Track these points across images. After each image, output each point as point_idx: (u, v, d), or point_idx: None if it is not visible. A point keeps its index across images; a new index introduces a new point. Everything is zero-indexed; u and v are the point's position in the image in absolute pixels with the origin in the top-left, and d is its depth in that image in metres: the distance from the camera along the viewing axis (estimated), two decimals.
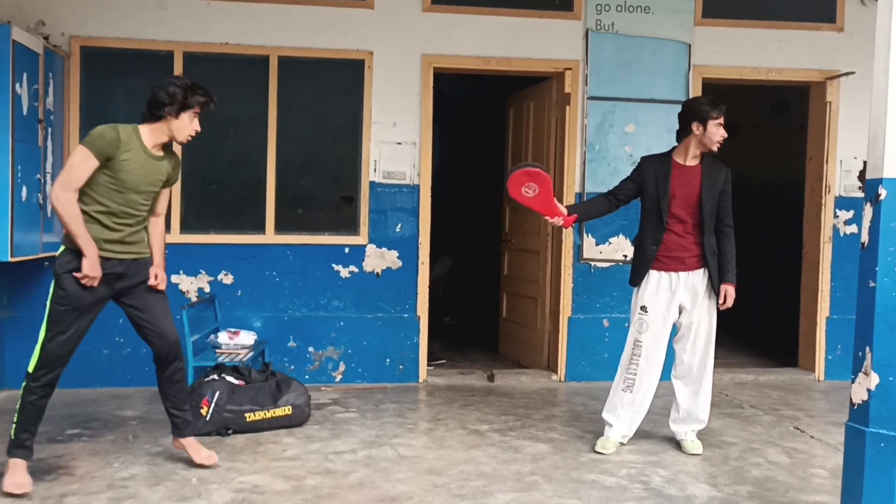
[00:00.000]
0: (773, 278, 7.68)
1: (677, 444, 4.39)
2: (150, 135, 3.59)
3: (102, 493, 3.52)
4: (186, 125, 3.62)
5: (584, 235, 6.03)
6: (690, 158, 4.21)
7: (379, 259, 5.90)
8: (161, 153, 3.67)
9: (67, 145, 5.41)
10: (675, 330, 4.34)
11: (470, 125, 9.14)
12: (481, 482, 3.80)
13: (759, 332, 7.64)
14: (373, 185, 5.86)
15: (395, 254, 5.92)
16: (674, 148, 4.31)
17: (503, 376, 6.10)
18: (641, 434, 4.46)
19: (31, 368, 3.54)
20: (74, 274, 3.45)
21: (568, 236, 6.00)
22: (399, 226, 5.91)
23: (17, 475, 3.48)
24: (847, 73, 6.14)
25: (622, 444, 4.35)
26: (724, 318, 4.36)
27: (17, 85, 4.62)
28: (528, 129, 6.60)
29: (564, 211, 4.20)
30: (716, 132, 4.11)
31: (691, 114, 4.17)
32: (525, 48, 5.97)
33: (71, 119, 5.45)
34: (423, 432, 4.70)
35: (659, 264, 4.21)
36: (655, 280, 4.22)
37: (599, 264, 6.09)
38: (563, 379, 6.06)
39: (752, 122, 8.43)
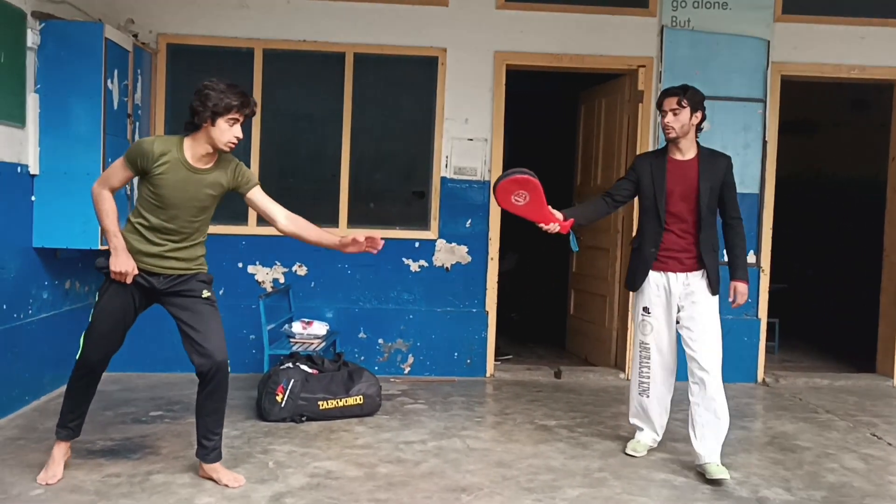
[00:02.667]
0: (852, 281, 7.48)
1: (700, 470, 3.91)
2: (191, 146, 3.39)
3: (186, 472, 3.68)
4: (225, 131, 3.33)
5: None
6: (686, 152, 4.02)
7: (449, 254, 5.97)
8: (209, 165, 3.43)
9: None
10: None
11: (540, 121, 9.14)
12: (550, 476, 3.83)
13: (837, 336, 7.45)
14: (444, 180, 5.93)
15: (464, 249, 5.98)
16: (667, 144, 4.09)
17: (570, 373, 6.11)
18: None
19: (77, 356, 3.56)
20: (106, 270, 3.42)
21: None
22: (469, 221, 5.97)
23: (52, 466, 3.50)
24: None
25: (652, 447, 4.25)
26: (800, 321, 4.27)
27: (109, 81, 4.83)
28: (599, 126, 6.57)
29: (560, 216, 3.96)
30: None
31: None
32: (598, 45, 5.95)
33: (157, 114, 5.68)
34: (490, 426, 4.75)
35: (658, 264, 4.04)
36: (654, 280, 4.07)
37: None
38: (630, 377, 6.02)
39: (831, 119, 8.22)
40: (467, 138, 5.91)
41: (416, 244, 5.94)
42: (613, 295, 6.28)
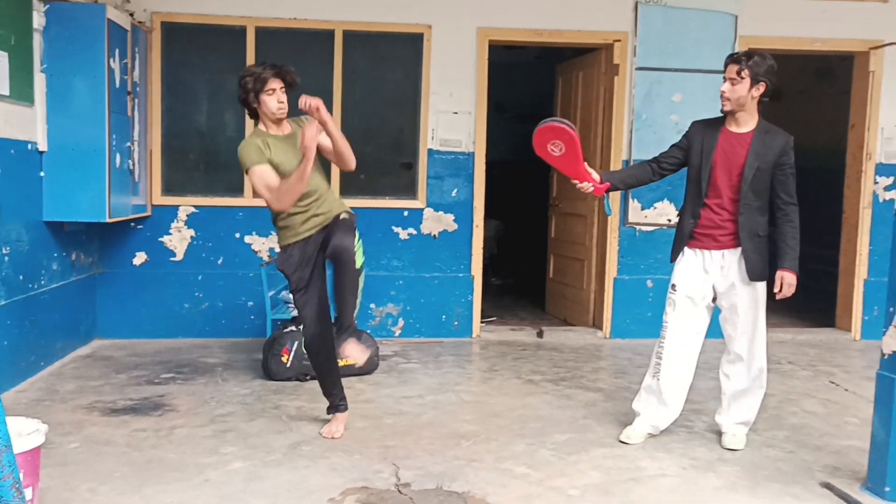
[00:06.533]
0: (813, 242, 7.91)
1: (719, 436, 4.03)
2: (265, 127, 3.83)
3: (206, 426, 3.99)
4: (271, 103, 3.75)
5: (630, 200, 6.33)
6: (742, 124, 3.77)
7: (436, 222, 6.27)
8: (288, 131, 3.85)
9: (150, 115, 5.84)
10: (718, 311, 3.99)
11: (518, 90, 9.44)
12: (539, 424, 4.20)
13: (799, 293, 7.88)
14: (430, 152, 6.21)
15: (451, 217, 6.29)
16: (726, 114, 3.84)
17: (551, 333, 6.48)
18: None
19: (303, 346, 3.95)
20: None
21: (615, 201, 6.30)
22: (455, 191, 6.27)
23: (337, 425, 3.91)
24: (890, 44, 6.31)
25: (651, 434, 4.00)
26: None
27: (111, 60, 5.03)
28: (576, 98, 6.87)
29: (597, 177, 3.85)
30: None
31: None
32: (576, 20, 6.23)
33: (153, 91, 5.87)
34: (481, 381, 5.11)
35: (694, 241, 3.84)
36: (689, 258, 3.85)
37: (644, 228, 6.40)
38: (608, 336, 6.42)
39: (796, 87, 8.59)
40: (452, 111, 6.18)
41: (405, 213, 6.24)
42: (591, 259, 6.64)
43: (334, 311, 3.88)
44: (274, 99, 3.76)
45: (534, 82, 9.39)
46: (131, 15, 5.63)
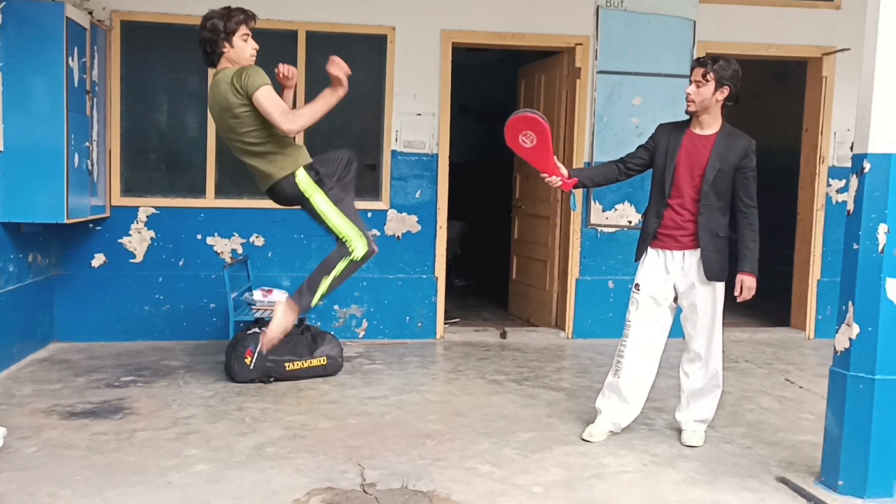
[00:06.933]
0: (769, 241, 8.08)
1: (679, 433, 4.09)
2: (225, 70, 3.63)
3: (169, 428, 3.95)
4: (244, 47, 3.65)
5: (592, 202, 6.41)
6: (707, 127, 3.84)
7: (399, 223, 6.29)
8: None
9: (110, 114, 5.76)
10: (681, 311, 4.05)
11: (481, 91, 9.49)
12: (503, 423, 4.23)
13: (756, 293, 8.05)
14: (394, 153, 6.22)
15: (414, 218, 6.30)
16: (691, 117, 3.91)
17: (515, 333, 6.53)
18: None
19: (357, 255, 3.74)
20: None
21: (578, 202, 6.36)
22: (419, 192, 6.28)
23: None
24: (842, 50, 6.49)
25: (613, 432, 4.06)
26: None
27: (70, 58, 4.95)
28: (539, 100, 6.94)
29: (565, 172, 3.91)
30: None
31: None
32: (538, 24, 6.29)
33: (112, 90, 5.79)
34: (445, 381, 5.13)
35: (657, 241, 3.91)
36: (652, 258, 3.92)
37: (606, 229, 6.49)
38: (570, 336, 6.49)
39: (752, 91, 8.76)
40: (416, 113, 6.20)
41: (369, 214, 6.23)
42: (553, 260, 6.71)
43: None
44: (249, 45, 3.67)
45: (497, 84, 9.44)
46: (90, 13, 5.54)
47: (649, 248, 3.95)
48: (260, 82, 3.53)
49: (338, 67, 3.58)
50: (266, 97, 3.53)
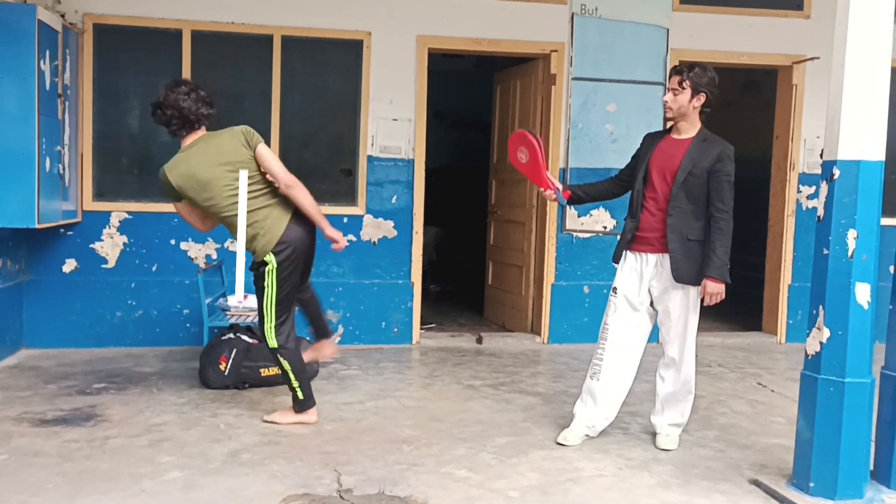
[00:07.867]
0: (740, 248, 8.19)
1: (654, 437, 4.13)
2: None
3: (142, 435, 3.90)
4: None
5: (568, 208, 6.45)
6: (684, 132, 3.92)
7: (375, 229, 6.28)
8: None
9: (82, 118, 5.70)
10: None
11: (456, 97, 9.53)
12: (479, 428, 4.24)
13: (728, 298, 8.15)
14: (370, 158, 6.22)
15: (390, 224, 6.30)
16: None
17: (490, 339, 6.55)
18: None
19: (275, 344, 4.12)
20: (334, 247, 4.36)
21: (552, 208, 6.41)
22: (395, 198, 6.28)
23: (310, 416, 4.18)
24: (812, 59, 6.60)
25: (589, 436, 4.07)
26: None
27: (42, 62, 4.90)
28: (514, 107, 6.98)
29: (559, 186, 4.03)
30: None
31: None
32: (514, 30, 6.33)
33: (84, 93, 5.73)
34: (421, 386, 5.13)
35: (634, 244, 3.96)
36: (630, 261, 3.97)
37: (581, 235, 6.53)
38: (546, 341, 6.52)
39: (724, 99, 8.88)
40: (392, 118, 6.21)
41: (345, 220, 6.22)
42: (529, 265, 6.74)
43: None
44: None
45: (472, 90, 9.49)
46: (62, 16, 5.49)
47: (627, 251, 4.00)
48: (259, 139, 4.04)
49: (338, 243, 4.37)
50: (270, 152, 4.09)
